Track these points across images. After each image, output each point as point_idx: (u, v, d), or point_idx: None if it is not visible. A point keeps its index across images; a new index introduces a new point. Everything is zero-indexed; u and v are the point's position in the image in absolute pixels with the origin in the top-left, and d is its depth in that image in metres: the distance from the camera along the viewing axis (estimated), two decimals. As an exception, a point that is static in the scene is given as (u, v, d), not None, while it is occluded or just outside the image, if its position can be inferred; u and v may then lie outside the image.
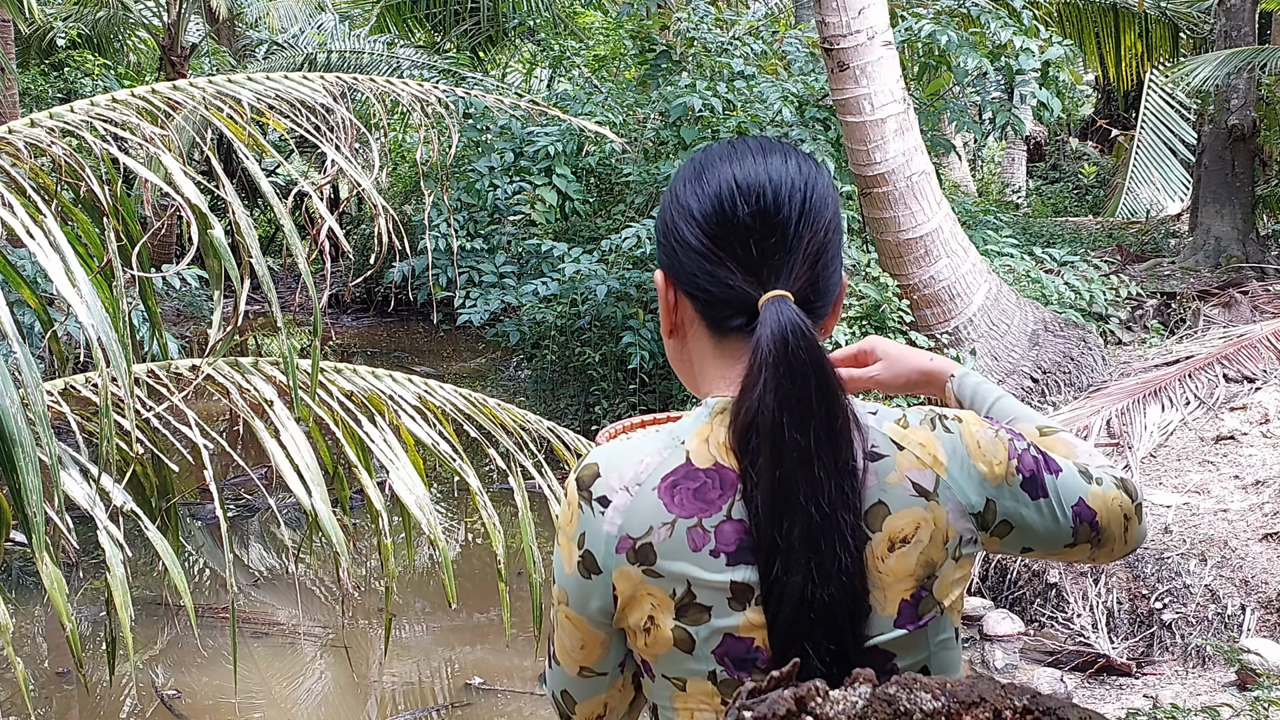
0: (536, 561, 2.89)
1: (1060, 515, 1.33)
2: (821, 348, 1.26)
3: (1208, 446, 6.06)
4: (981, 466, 1.30)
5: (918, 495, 1.26)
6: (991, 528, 1.31)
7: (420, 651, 5.64)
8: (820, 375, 1.24)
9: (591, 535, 1.29)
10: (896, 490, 1.26)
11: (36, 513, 2.00)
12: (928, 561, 1.27)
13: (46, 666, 5.40)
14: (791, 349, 1.23)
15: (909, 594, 1.26)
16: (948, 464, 1.28)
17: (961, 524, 1.28)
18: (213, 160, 2.64)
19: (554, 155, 8.47)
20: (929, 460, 1.28)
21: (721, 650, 1.27)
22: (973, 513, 1.29)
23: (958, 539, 1.28)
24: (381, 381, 2.98)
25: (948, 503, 1.27)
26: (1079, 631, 5.17)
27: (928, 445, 1.29)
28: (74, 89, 13.74)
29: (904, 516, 1.26)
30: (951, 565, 1.28)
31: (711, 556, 1.25)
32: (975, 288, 7.16)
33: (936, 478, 1.28)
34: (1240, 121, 10.08)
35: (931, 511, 1.26)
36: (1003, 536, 1.32)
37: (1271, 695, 4.06)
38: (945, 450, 1.29)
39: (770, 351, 1.24)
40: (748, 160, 1.31)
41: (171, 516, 2.94)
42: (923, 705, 1.20)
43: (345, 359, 9.74)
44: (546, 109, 3.66)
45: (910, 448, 1.28)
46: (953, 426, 1.32)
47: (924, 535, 1.26)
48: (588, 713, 1.40)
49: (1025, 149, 17.31)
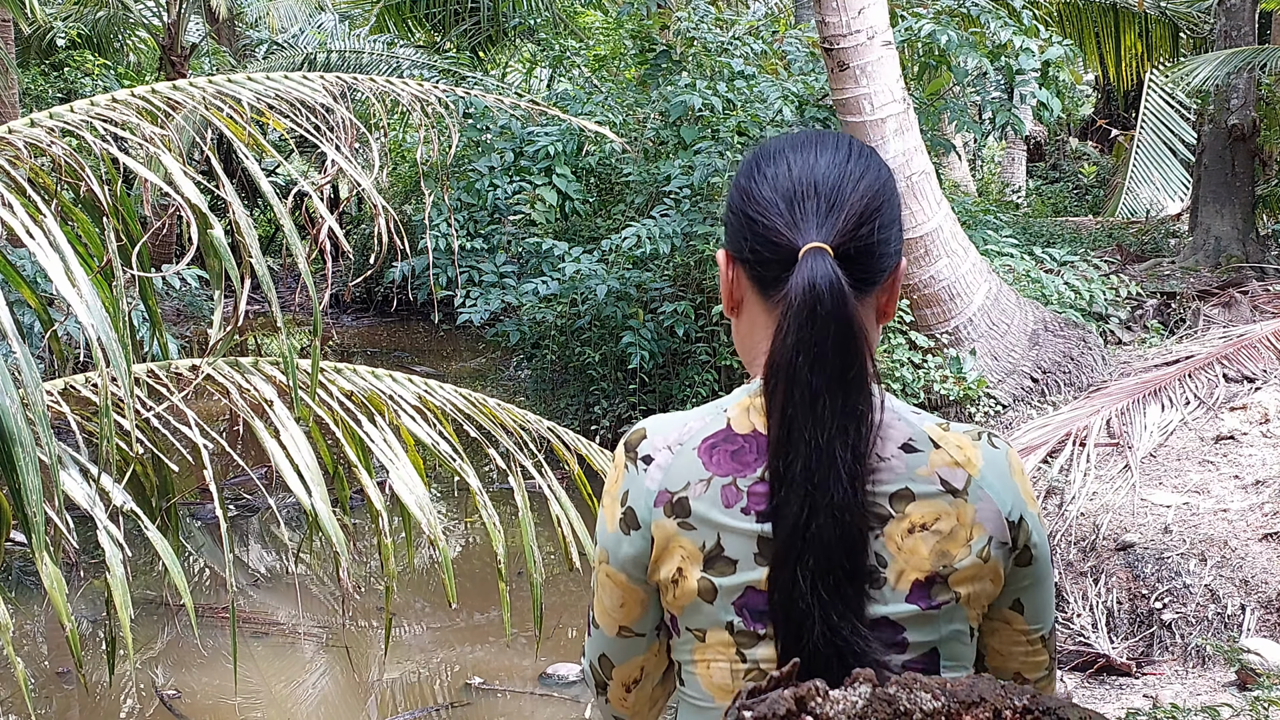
0: (536, 561, 2.89)
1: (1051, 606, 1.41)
2: (848, 300, 1.30)
3: (1208, 446, 6.06)
4: (1020, 484, 1.36)
5: (944, 490, 1.33)
6: (1019, 548, 1.36)
7: (420, 651, 5.64)
8: (841, 324, 1.30)
9: (634, 491, 1.38)
10: (924, 482, 1.33)
11: (36, 513, 2.00)
12: (943, 552, 1.32)
13: (46, 666, 5.40)
14: (817, 293, 1.30)
15: (923, 576, 1.32)
16: (983, 469, 1.35)
17: (994, 525, 1.33)
18: (213, 160, 2.64)
19: (554, 155, 8.46)
20: (963, 460, 1.34)
21: (742, 601, 1.33)
22: (1008, 519, 1.34)
23: (986, 539, 1.33)
24: (381, 381, 2.98)
25: (978, 501, 1.33)
26: (1079, 631, 5.17)
27: (964, 449, 1.35)
28: (74, 89, 13.74)
29: (926, 505, 1.32)
30: (976, 563, 1.32)
31: (743, 514, 1.32)
32: (975, 287, 7.16)
33: (968, 478, 1.34)
34: (1240, 121, 10.08)
35: (956, 507, 1.32)
36: (1022, 566, 1.37)
37: (1271, 695, 4.06)
38: (983, 458, 1.35)
39: (797, 296, 1.30)
40: (804, 141, 1.42)
41: (171, 516, 2.94)
42: (923, 705, 1.21)
43: (345, 359, 9.74)
44: (546, 109, 3.66)
45: (946, 447, 1.35)
46: (999, 444, 1.38)
47: (944, 527, 1.32)
48: (624, 676, 1.47)
49: (1025, 149, 17.31)
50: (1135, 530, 5.42)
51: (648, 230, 7.68)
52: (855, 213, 1.35)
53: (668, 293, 8.08)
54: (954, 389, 6.72)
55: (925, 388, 6.74)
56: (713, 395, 7.96)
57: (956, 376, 6.81)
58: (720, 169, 7.84)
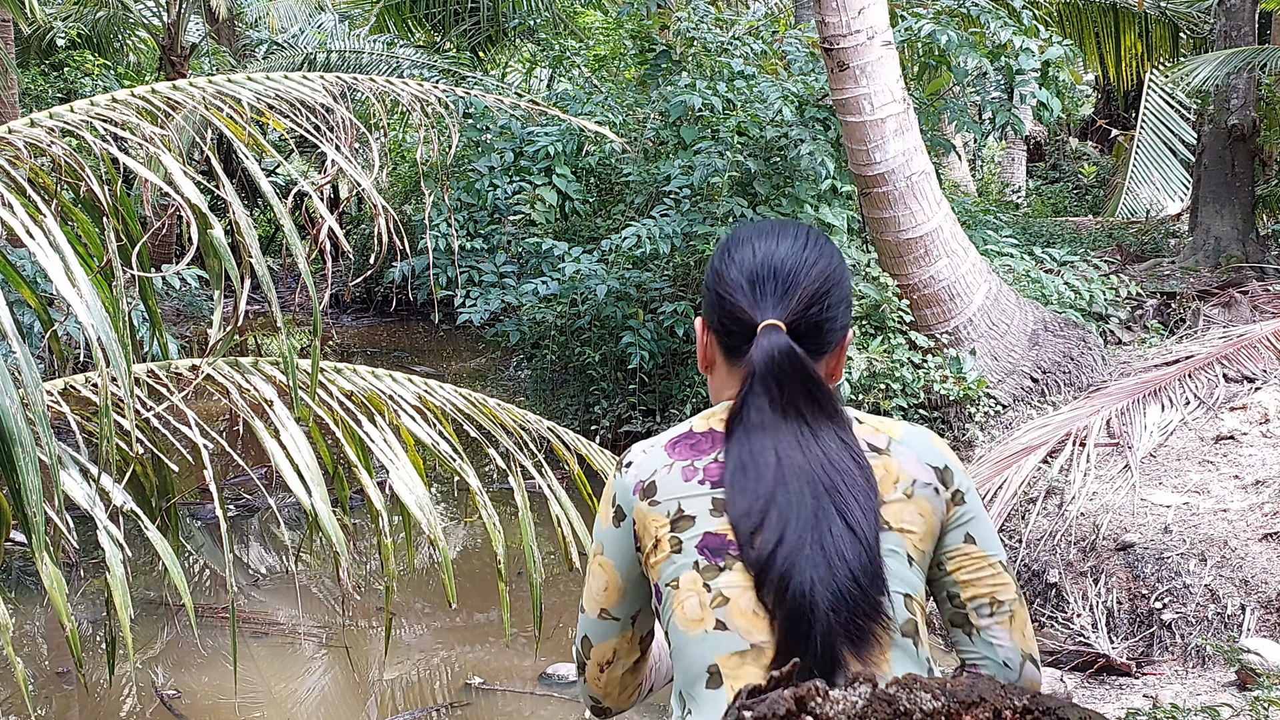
0: (536, 561, 2.89)
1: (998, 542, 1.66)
2: (805, 360, 1.60)
3: (1208, 446, 6.06)
4: (942, 447, 1.67)
5: (871, 451, 1.62)
6: (950, 489, 1.64)
7: (420, 651, 5.64)
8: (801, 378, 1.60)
9: (620, 492, 1.69)
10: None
11: (36, 513, 2.00)
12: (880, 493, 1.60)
13: (46, 666, 5.40)
14: (776, 362, 1.60)
15: None
16: (902, 435, 1.65)
17: (917, 470, 1.62)
18: (213, 160, 2.64)
19: (554, 155, 8.46)
20: (882, 429, 1.65)
21: (701, 544, 1.59)
22: (932, 465, 1.63)
23: (910, 480, 1.61)
24: (381, 381, 2.98)
25: (899, 455, 1.63)
26: (1079, 631, 5.17)
27: (884, 424, 1.67)
28: (74, 89, 13.73)
29: None
30: (901, 498, 1.60)
31: (699, 484, 1.62)
32: (975, 288, 7.16)
33: (889, 439, 1.64)
34: (1240, 121, 10.08)
35: (881, 460, 1.62)
36: (959, 504, 1.64)
37: (1271, 695, 4.06)
38: (902, 429, 1.66)
39: (758, 363, 1.61)
40: (768, 230, 1.72)
41: (171, 516, 2.94)
42: (922, 705, 1.21)
43: (345, 359, 9.74)
44: (546, 109, 3.66)
45: (868, 423, 1.66)
46: (920, 429, 1.68)
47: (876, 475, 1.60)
48: (600, 656, 1.77)
49: (1025, 149, 17.30)
50: (1135, 530, 5.42)
51: (648, 230, 7.68)
52: (807, 295, 1.64)
53: (668, 293, 8.07)
54: (954, 389, 6.72)
55: (925, 388, 6.74)
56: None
57: (956, 376, 6.81)
58: (720, 169, 7.84)
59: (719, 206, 7.74)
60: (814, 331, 1.65)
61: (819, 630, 1.50)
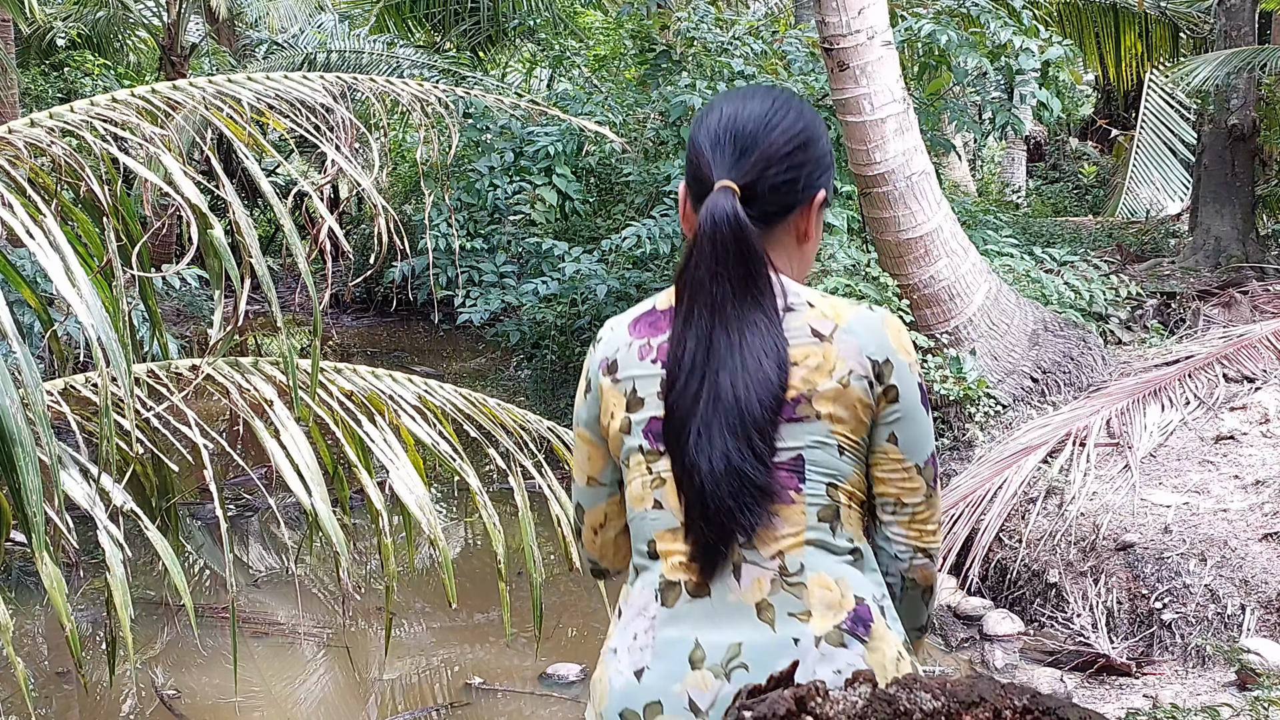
0: (536, 561, 2.89)
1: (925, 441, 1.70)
2: (743, 227, 1.66)
3: (1208, 446, 6.06)
4: (891, 337, 1.68)
5: (813, 337, 1.67)
6: (884, 384, 1.67)
7: (420, 651, 5.64)
8: (737, 243, 1.66)
9: (590, 365, 1.80)
10: (798, 332, 1.67)
11: (36, 513, 2.00)
12: (808, 379, 1.65)
13: (46, 666, 5.40)
14: (716, 223, 1.66)
15: (792, 397, 1.65)
16: (850, 321, 1.68)
17: (853, 360, 1.66)
18: (213, 160, 2.64)
19: (554, 155, 8.46)
20: (831, 314, 1.68)
21: (648, 429, 1.71)
22: (871, 358, 1.67)
23: (847, 370, 1.66)
24: (381, 381, 2.98)
25: (841, 343, 1.66)
26: (1079, 631, 5.17)
27: (836, 308, 1.69)
28: (74, 89, 13.73)
29: (798, 349, 1.66)
30: (835, 387, 1.65)
31: (651, 364, 1.72)
32: (975, 288, 7.16)
33: (835, 326, 1.67)
34: (1240, 121, 10.07)
35: (821, 348, 1.66)
36: (890, 402, 1.68)
37: (1271, 695, 4.06)
38: (851, 316, 1.69)
39: (702, 223, 1.68)
40: (741, 94, 1.77)
41: (171, 516, 2.94)
42: (922, 705, 1.21)
43: (345, 359, 9.74)
44: (546, 109, 3.66)
45: (820, 306, 1.69)
46: (877, 310, 1.70)
47: (811, 363, 1.65)
48: (593, 520, 1.86)
49: (1025, 149, 17.29)
50: (1135, 530, 5.42)
51: (648, 230, 7.67)
52: (766, 156, 1.70)
53: (668, 293, 8.07)
54: (954, 389, 6.72)
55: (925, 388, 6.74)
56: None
57: (956, 376, 6.81)
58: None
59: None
60: (773, 193, 1.71)
61: (711, 511, 1.63)
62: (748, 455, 1.62)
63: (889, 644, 1.65)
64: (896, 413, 1.68)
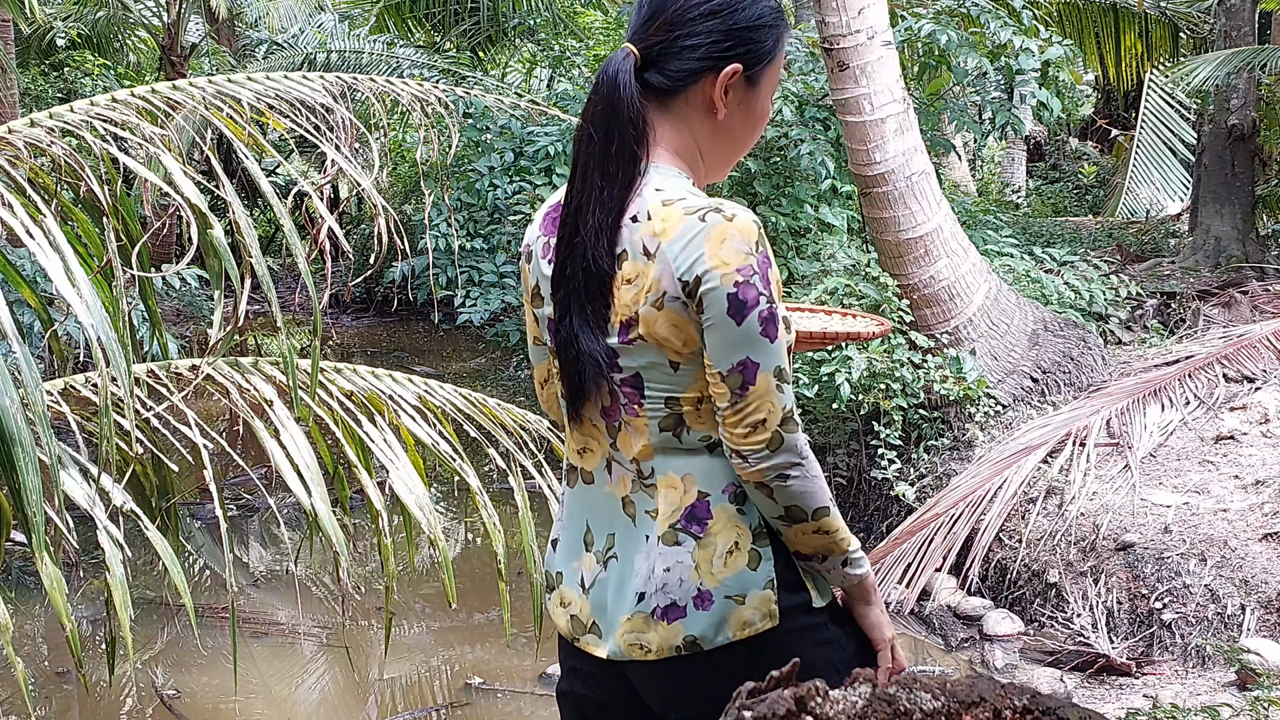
0: (536, 561, 2.89)
1: (732, 349, 1.68)
2: (621, 89, 1.72)
3: (1208, 446, 6.06)
4: (709, 254, 1.66)
5: (643, 253, 1.70)
6: (695, 299, 1.68)
7: (420, 651, 5.64)
8: (610, 106, 1.72)
9: (525, 241, 1.91)
10: (634, 246, 1.71)
11: (36, 513, 2.00)
12: (635, 300, 1.71)
13: (46, 666, 5.40)
14: (604, 83, 1.74)
15: (625, 319, 1.72)
16: (672, 239, 1.68)
17: (668, 282, 1.68)
18: (213, 160, 2.64)
19: (554, 155, 8.45)
20: (659, 231, 1.69)
21: (549, 326, 1.82)
22: (680, 278, 1.68)
23: (660, 293, 1.69)
24: (381, 381, 2.98)
25: (659, 264, 1.69)
26: (1079, 631, 5.17)
27: (667, 221, 1.70)
28: (74, 89, 13.72)
29: (630, 265, 1.71)
30: (652, 310, 1.69)
31: (548, 265, 1.82)
32: (975, 288, 7.15)
33: (658, 245, 1.69)
34: (1240, 121, 10.07)
35: (647, 266, 1.69)
36: (700, 312, 1.68)
37: (1271, 695, 4.06)
38: (678, 230, 1.68)
39: (596, 81, 1.75)
40: None
41: (171, 516, 2.94)
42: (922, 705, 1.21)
43: (345, 359, 9.74)
44: (546, 109, 3.66)
45: (655, 220, 1.70)
46: (710, 219, 1.68)
47: (640, 282, 1.70)
48: (538, 375, 1.99)
49: (1025, 149, 17.29)
50: (1135, 530, 5.42)
51: (648, 230, 7.66)
52: (659, 21, 1.73)
53: (668, 293, 8.06)
54: (954, 389, 6.72)
55: (925, 388, 6.73)
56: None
57: (956, 376, 6.81)
58: (720, 169, 7.82)
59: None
60: (666, 57, 1.74)
61: (567, 380, 1.79)
62: (583, 325, 1.74)
63: (725, 537, 1.74)
64: (706, 321, 1.69)
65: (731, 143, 1.83)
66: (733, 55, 1.75)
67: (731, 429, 1.71)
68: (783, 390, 1.70)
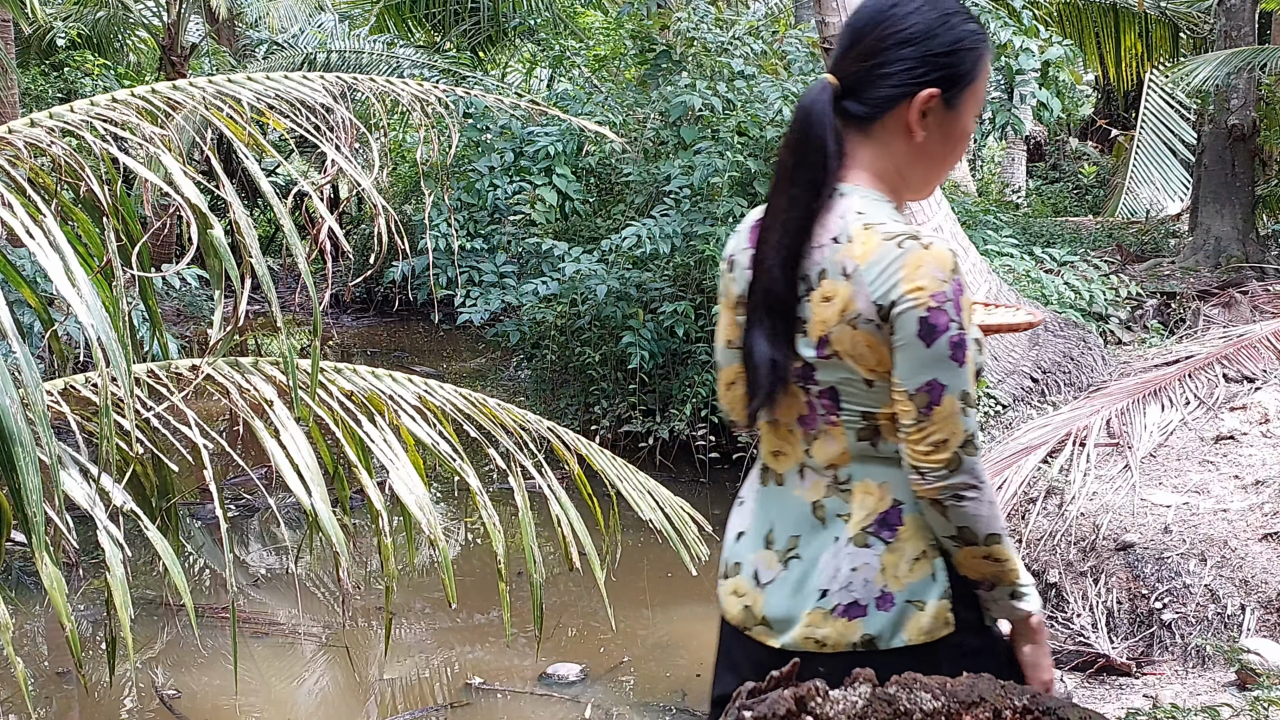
0: (536, 561, 2.89)
1: (921, 369, 1.74)
2: (816, 120, 1.80)
3: (1208, 446, 6.06)
4: (904, 279, 1.73)
5: (841, 274, 1.78)
6: (889, 321, 1.75)
7: (420, 651, 5.64)
8: (804, 137, 1.81)
9: (726, 249, 1.99)
10: (834, 266, 1.78)
11: (36, 513, 2.00)
12: (832, 318, 1.79)
13: (46, 666, 5.40)
14: (799, 113, 1.83)
15: (822, 334, 1.80)
16: (869, 262, 1.75)
17: (863, 303, 1.76)
18: (213, 160, 2.64)
19: (554, 155, 8.45)
20: (858, 254, 1.76)
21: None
22: (875, 301, 1.75)
23: (856, 313, 1.76)
24: (381, 381, 2.98)
25: (855, 284, 1.76)
26: (1079, 631, 5.17)
27: (866, 245, 1.76)
28: (74, 89, 13.72)
29: (830, 284, 1.79)
30: (846, 329, 1.77)
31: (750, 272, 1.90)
32: (975, 288, 7.16)
33: (856, 266, 1.76)
34: (1240, 121, 10.07)
35: (845, 286, 1.77)
36: (893, 334, 1.75)
37: (1271, 695, 4.06)
38: (875, 254, 1.75)
39: (795, 112, 1.84)
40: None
41: (171, 516, 2.94)
42: (922, 705, 1.21)
43: (345, 359, 9.74)
44: (546, 109, 3.66)
45: (855, 243, 1.77)
46: (907, 245, 1.75)
47: (836, 302, 1.78)
48: (725, 378, 2.04)
49: (1025, 149, 17.29)
50: (1135, 530, 5.42)
51: (648, 230, 7.67)
52: (856, 50, 1.81)
53: (668, 293, 8.07)
54: (954, 389, 6.72)
55: (925, 388, 6.74)
56: (712, 395, 7.96)
57: (956, 376, 6.81)
58: (720, 169, 7.83)
59: (719, 206, 7.73)
60: (863, 85, 1.81)
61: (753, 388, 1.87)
62: (760, 337, 1.84)
63: (914, 544, 1.81)
64: (898, 341, 1.75)
65: (932, 163, 1.88)
66: (929, 80, 1.80)
67: (913, 446, 1.76)
68: (967, 414, 1.76)
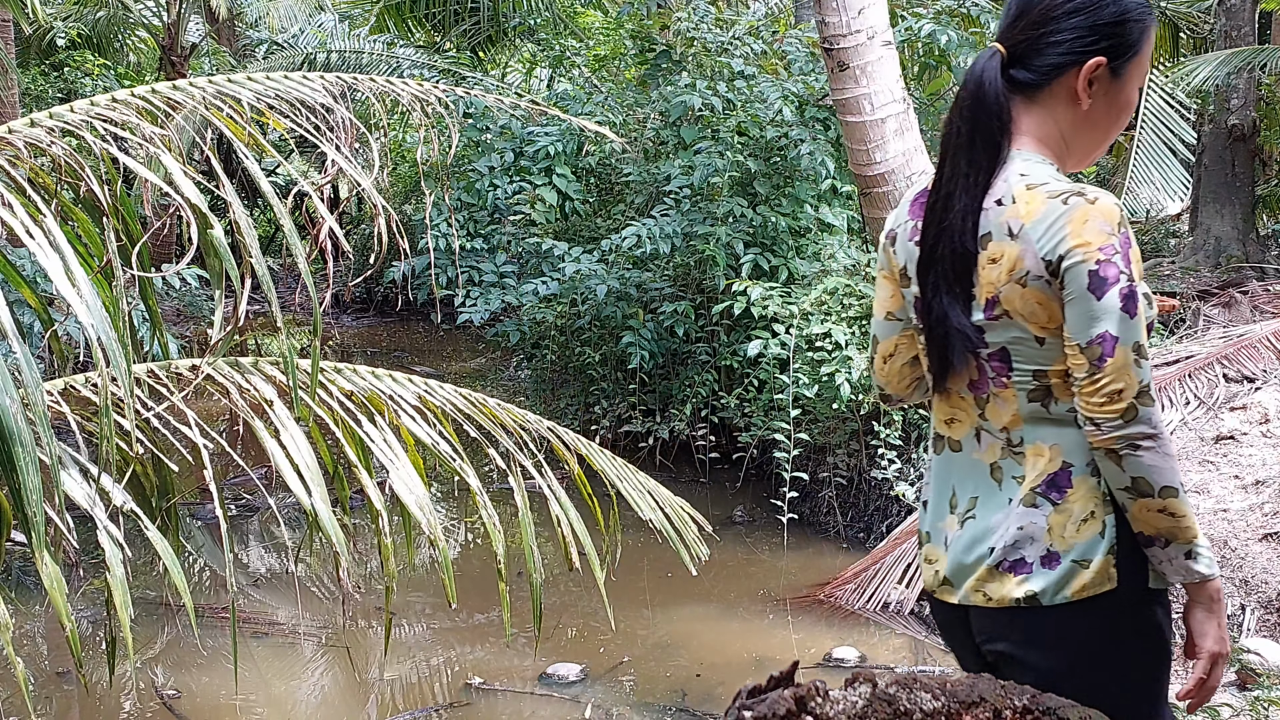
0: (536, 561, 2.89)
1: (1092, 322, 1.76)
2: (985, 87, 1.84)
3: (1208, 446, 6.05)
4: (1071, 234, 1.76)
5: (1007, 234, 1.81)
6: (1059, 276, 1.77)
7: (420, 651, 5.64)
8: (974, 105, 1.85)
9: (888, 224, 2.05)
10: (998, 228, 1.82)
11: (36, 513, 2.00)
12: (1000, 278, 1.81)
13: (46, 666, 5.40)
14: (970, 80, 1.86)
15: (990, 295, 1.83)
16: (1035, 220, 1.79)
17: (1031, 261, 1.79)
18: (213, 160, 2.64)
19: (554, 155, 8.45)
20: (1023, 213, 1.80)
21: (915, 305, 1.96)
22: (1043, 257, 1.78)
23: (1024, 271, 1.79)
24: (381, 381, 2.98)
25: (1023, 243, 1.79)
26: (1079, 631, 5.16)
27: (1030, 205, 1.80)
28: (74, 89, 13.72)
29: (995, 245, 1.82)
30: (1016, 287, 1.80)
31: (915, 245, 1.94)
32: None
33: (1022, 225, 1.80)
34: (1240, 121, 10.07)
35: (1012, 246, 1.80)
36: (1063, 289, 1.77)
37: (1271, 695, 4.06)
38: (1040, 213, 1.79)
39: (964, 78, 1.89)
40: None
41: (171, 516, 2.94)
42: (922, 705, 1.21)
43: (345, 359, 9.74)
44: (546, 109, 3.66)
45: (1019, 203, 1.81)
46: (1072, 201, 1.78)
47: (1004, 262, 1.81)
48: (884, 350, 2.08)
49: (1025, 149, 17.26)
50: (1135, 530, 5.42)
51: (648, 230, 7.67)
52: (1025, 20, 1.85)
53: (668, 293, 8.07)
54: (954, 389, 6.72)
55: (925, 388, 6.74)
56: (713, 395, 7.97)
57: (956, 376, 6.81)
58: (720, 169, 7.83)
59: (719, 206, 7.73)
60: (1031, 53, 1.85)
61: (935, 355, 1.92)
62: (952, 303, 1.85)
63: (1082, 505, 1.82)
64: (1068, 296, 1.77)
65: (1096, 131, 1.91)
66: (1097, 49, 1.84)
67: (1088, 398, 1.78)
68: (1140, 365, 1.76)
